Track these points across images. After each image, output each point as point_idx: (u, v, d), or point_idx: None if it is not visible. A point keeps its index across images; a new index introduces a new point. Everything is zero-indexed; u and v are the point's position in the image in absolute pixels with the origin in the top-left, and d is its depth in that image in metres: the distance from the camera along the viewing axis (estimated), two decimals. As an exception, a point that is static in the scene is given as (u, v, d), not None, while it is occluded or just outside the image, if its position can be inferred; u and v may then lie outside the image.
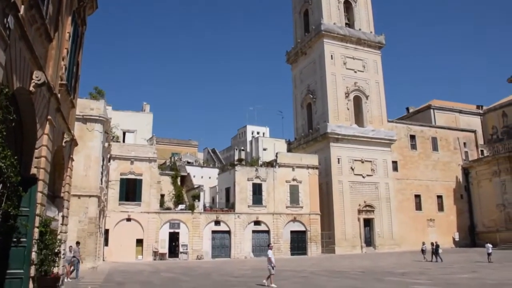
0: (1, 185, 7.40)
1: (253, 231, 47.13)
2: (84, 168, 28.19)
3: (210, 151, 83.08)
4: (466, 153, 64.75)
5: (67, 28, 12.46)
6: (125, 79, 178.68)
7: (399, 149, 59.30)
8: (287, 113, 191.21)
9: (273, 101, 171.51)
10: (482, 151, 65.35)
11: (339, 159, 53.75)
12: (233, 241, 45.88)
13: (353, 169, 54.12)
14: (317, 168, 50.90)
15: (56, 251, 11.34)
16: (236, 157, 63.18)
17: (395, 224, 54.97)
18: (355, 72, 58.15)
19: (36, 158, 10.20)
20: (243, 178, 47.63)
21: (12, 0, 6.86)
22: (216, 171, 58.55)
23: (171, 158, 66.15)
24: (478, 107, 73.54)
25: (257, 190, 47.94)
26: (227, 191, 49.73)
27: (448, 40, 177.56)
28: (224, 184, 51.02)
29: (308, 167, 50.27)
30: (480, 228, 59.58)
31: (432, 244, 34.11)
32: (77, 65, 14.84)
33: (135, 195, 42.91)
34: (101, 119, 29.51)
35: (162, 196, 47.43)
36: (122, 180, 42.62)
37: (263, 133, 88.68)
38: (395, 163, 58.30)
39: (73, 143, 15.66)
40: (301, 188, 49.57)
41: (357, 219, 52.73)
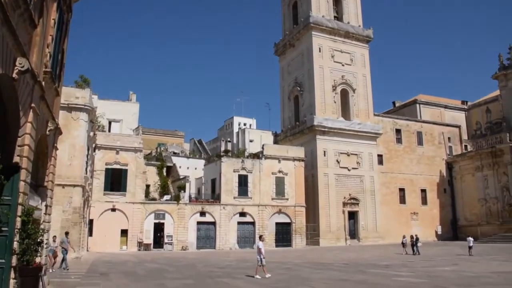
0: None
1: (238, 223, 47.24)
2: (68, 157, 27.91)
3: (196, 142, 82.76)
4: (450, 147, 65.59)
5: (52, 14, 12.23)
6: (112, 68, 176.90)
7: (385, 143, 59.80)
8: (274, 105, 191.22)
9: (260, 93, 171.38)
10: (466, 146, 66.23)
11: (325, 152, 54.01)
12: (218, 232, 45.95)
13: (338, 162, 54.45)
14: (303, 160, 51.09)
15: (38, 240, 11.20)
16: (222, 148, 63.20)
17: (379, 217, 55.54)
18: (343, 65, 58.31)
19: (19, 146, 10.03)
20: (229, 169, 47.62)
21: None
22: (202, 162, 58.44)
23: (157, 148, 65.81)
24: (463, 103, 74.41)
25: (243, 181, 47.99)
26: (213, 182, 49.70)
27: (435, 35, 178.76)
28: (210, 175, 50.97)
29: (294, 159, 50.44)
30: (462, 222, 60.55)
31: (411, 237, 34.53)
32: (62, 52, 14.60)
33: (120, 185, 42.67)
34: (86, 108, 29.19)
35: (147, 186, 47.23)
36: (107, 170, 42.32)
37: (250, 125, 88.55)
38: (380, 156, 58.83)
39: (58, 131, 15.47)
40: (287, 180, 49.75)
41: (341, 212, 53.16)
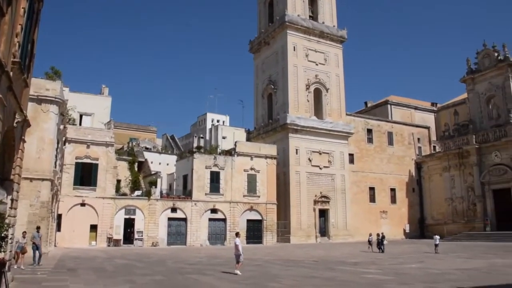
0: None
1: (210, 219, 47.15)
2: (37, 150, 27.25)
3: (169, 138, 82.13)
4: (419, 148, 67.07)
5: (22, 3, 11.92)
6: (84, 61, 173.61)
7: (356, 142, 60.64)
8: (247, 102, 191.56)
9: (234, 90, 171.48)
10: (434, 147, 67.84)
11: (297, 150, 54.37)
12: (189, 229, 45.76)
13: (310, 160, 54.91)
14: (275, 158, 51.33)
15: (2, 235, 10.92)
16: (195, 145, 62.84)
17: (349, 215, 56.33)
18: (317, 64, 58.78)
19: (-16, 138, 9.78)
20: (201, 165, 47.45)
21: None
22: (174, 158, 58.05)
23: (129, 143, 65.00)
24: (432, 104, 76.22)
25: (215, 178, 47.90)
26: (185, 178, 49.46)
27: (408, 38, 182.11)
28: (182, 171, 50.68)
29: (266, 157, 50.63)
30: (429, 220, 62.04)
31: (377, 235, 35.00)
32: (33, 43, 14.24)
33: (90, 179, 41.98)
34: (57, 100, 28.53)
35: (118, 181, 46.62)
36: (77, 164, 41.60)
37: (223, 122, 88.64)
38: (351, 155, 59.62)
39: (26, 124, 15.10)
40: (259, 177, 49.91)
41: (312, 210, 53.65)
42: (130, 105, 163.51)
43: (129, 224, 43.53)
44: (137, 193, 46.26)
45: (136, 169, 53.12)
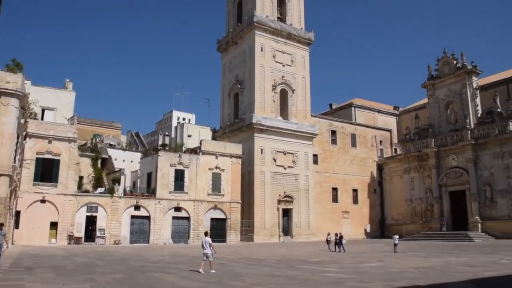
0: None
1: (173, 217, 46.97)
2: (-5, 145, 26.53)
3: (133, 135, 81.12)
4: (381, 150, 68.76)
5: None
6: (48, 54, 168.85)
7: (320, 143, 61.59)
8: (214, 101, 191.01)
9: (201, 88, 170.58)
10: (395, 149, 69.68)
11: (262, 150, 54.76)
12: (153, 227, 45.42)
13: (275, 160, 55.42)
14: (240, 157, 51.57)
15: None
16: (160, 142, 62.41)
17: (312, 215, 57.17)
18: (284, 66, 59.36)
19: None
20: (166, 163, 47.16)
21: None
22: (138, 155, 57.40)
23: (92, 139, 63.82)
24: (395, 108, 78.31)
25: (179, 176, 47.71)
26: (149, 176, 49.01)
27: (373, 43, 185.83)
28: (146, 168, 50.20)
29: (231, 156, 50.81)
30: (389, 220, 63.76)
31: (336, 234, 35.55)
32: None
33: (51, 176, 41.08)
34: (17, 93, 27.83)
35: (80, 178, 45.78)
36: (38, 159, 40.62)
37: (189, 120, 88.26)
38: (315, 156, 60.52)
39: (-14, 118, 14.76)
40: (224, 176, 50.04)
41: (276, 209, 54.19)
42: (94, 101, 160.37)
43: (91, 221, 42.83)
44: (100, 190, 45.55)
45: (99, 165, 52.31)
